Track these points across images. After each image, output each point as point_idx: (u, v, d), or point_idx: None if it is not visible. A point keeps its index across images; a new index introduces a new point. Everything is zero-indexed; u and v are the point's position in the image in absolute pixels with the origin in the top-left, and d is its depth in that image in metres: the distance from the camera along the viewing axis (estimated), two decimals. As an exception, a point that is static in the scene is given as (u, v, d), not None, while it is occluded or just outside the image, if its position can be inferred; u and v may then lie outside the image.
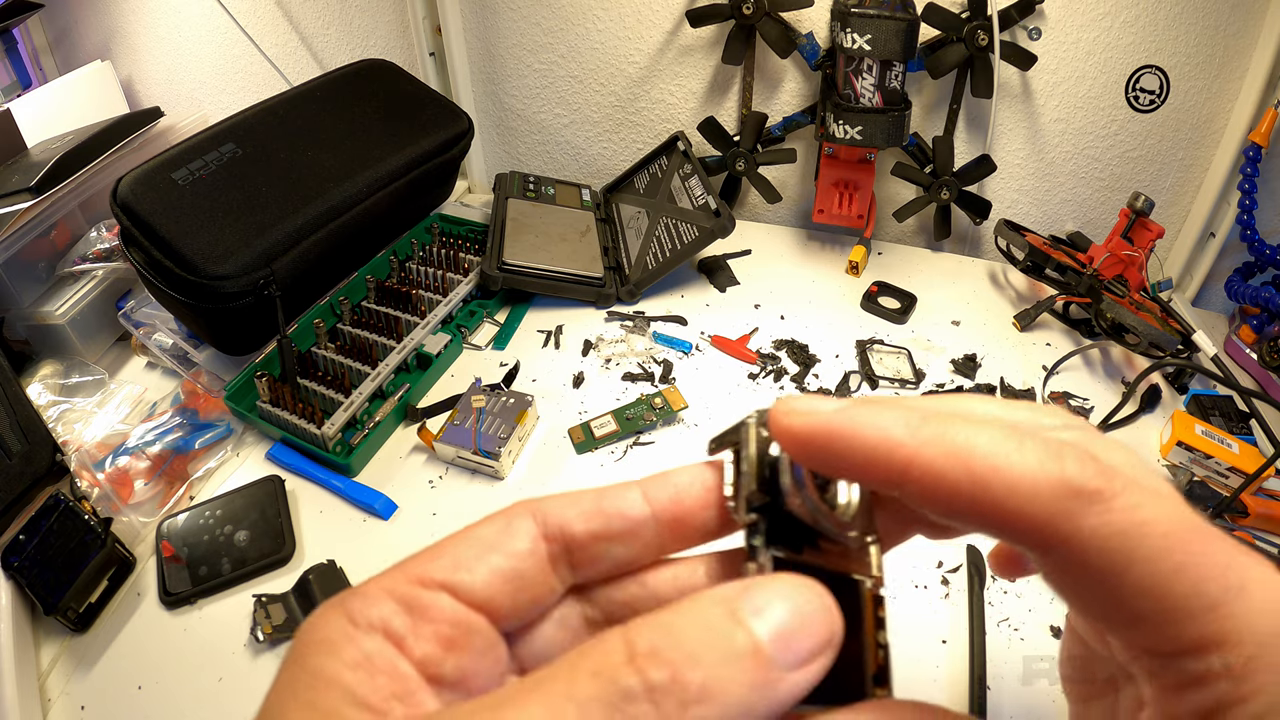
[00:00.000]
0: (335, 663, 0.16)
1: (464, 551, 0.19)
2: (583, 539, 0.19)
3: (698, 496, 0.20)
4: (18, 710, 0.46)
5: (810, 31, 0.81)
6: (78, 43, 1.13)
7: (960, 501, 0.16)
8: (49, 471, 0.55)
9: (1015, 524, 0.16)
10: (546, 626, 0.20)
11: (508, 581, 0.18)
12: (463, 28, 0.94)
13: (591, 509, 0.20)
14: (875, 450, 0.17)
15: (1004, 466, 0.16)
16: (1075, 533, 0.15)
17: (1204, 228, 0.83)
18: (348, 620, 0.17)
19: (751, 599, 0.16)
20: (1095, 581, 0.16)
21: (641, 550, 0.20)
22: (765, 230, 0.94)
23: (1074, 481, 0.16)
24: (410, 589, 0.18)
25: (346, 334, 0.72)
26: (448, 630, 0.17)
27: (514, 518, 0.19)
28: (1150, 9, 0.75)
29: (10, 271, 0.71)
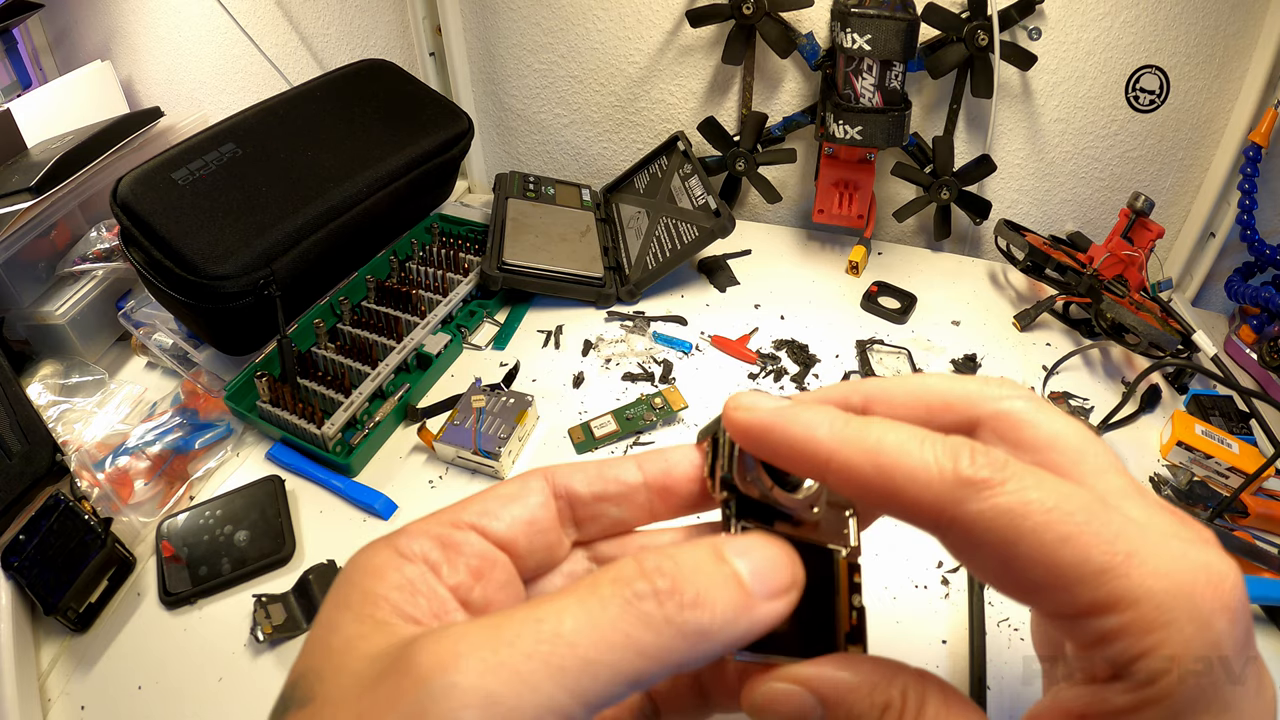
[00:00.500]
0: (383, 585, 0.19)
1: (489, 501, 0.22)
2: (585, 498, 0.23)
3: (685, 472, 0.23)
4: (18, 710, 0.46)
5: (810, 31, 0.81)
6: (78, 43, 1.13)
7: (870, 490, 0.19)
8: (49, 471, 0.55)
9: (913, 509, 0.19)
10: (556, 578, 0.24)
11: (526, 526, 0.22)
12: (463, 28, 0.94)
13: (594, 474, 0.23)
14: (801, 446, 0.20)
15: (904, 463, 0.19)
16: (963, 515, 0.18)
17: (1204, 228, 0.83)
18: (395, 552, 0.20)
19: (732, 544, 0.20)
20: (989, 556, 0.19)
21: (635, 512, 0.24)
22: (765, 230, 0.94)
23: (963, 473, 0.18)
24: (445, 529, 0.21)
25: (346, 334, 0.72)
26: (476, 562, 0.21)
27: (529, 479, 0.23)
28: (1150, 9, 0.75)
29: (10, 271, 0.71)
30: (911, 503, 0.19)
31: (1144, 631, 0.17)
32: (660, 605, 0.18)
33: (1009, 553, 0.18)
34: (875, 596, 0.53)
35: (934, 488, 0.19)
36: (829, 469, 0.20)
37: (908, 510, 0.19)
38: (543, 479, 0.23)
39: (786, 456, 0.21)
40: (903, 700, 0.19)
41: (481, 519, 0.22)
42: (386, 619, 0.19)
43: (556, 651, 0.17)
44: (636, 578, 0.18)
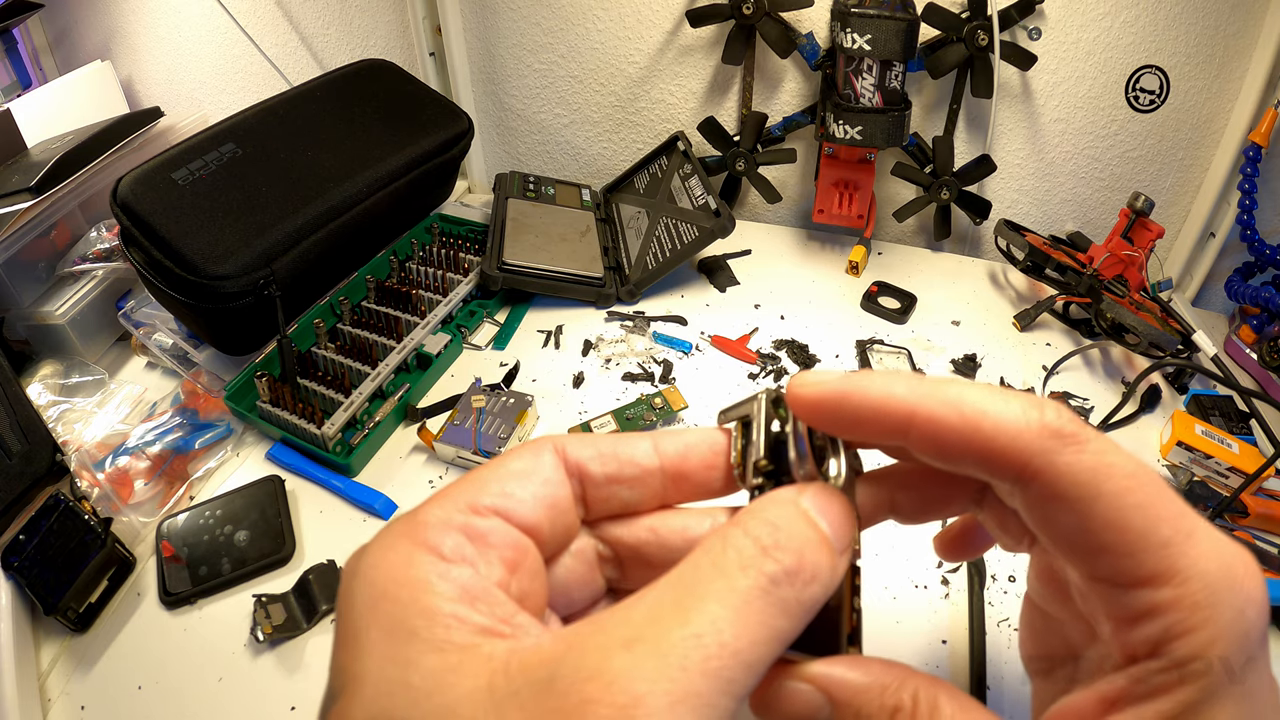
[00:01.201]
0: (440, 598, 0.17)
1: (507, 481, 0.20)
2: (597, 479, 0.22)
3: (703, 456, 0.23)
4: (18, 710, 0.46)
5: (810, 31, 0.81)
6: (78, 43, 1.13)
7: (956, 443, 0.19)
8: (49, 471, 0.55)
9: (1000, 459, 0.19)
10: (566, 558, 0.22)
11: (549, 508, 0.21)
12: (463, 28, 0.94)
13: (608, 452, 0.22)
14: (881, 405, 0.20)
15: (992, 412, 0.19)
16: (1053, 466, 0.18)
17: (1204, 228, 0.83)
18: (432, 554, 0.18)
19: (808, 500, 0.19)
20: (1067, 510, 0.18)
21: (647, 496, 0.23)
22: (765, 230, 0.94)
23: (1052, 425, 0.18)
24: (466, 517, 0.19)
25: (346, 334, 0.72)
26: (510, 554, 0.19)
27: (540, 451, 0.21)
28: (1150, 9, 0.75)
29: (10, 271, 0.71)
30: (999, 452, 0.19)
31: (1191, 609, 0.17)
32: (792, 586, 0.17)
33: (1086, 510, 0.18)
34: (875, 596, 0.53)
35: (1024, 438, 0.18)
36: (912, 424, 0.19)
37: (993, 460, 0.19)
38: (554, 453, 0.21)
39: (868, 420, 0.20)
40: (914, 704, 0.19)
41: (504, 502, 0.20)
42: (469, 640, 0.17)
43: (725, 664, 0.16)
44: (764, 559, 0.18)
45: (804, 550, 0.18)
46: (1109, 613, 0.19)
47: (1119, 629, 0.19)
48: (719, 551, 0.18)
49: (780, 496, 0.20)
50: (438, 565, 0.18)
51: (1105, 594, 0.19)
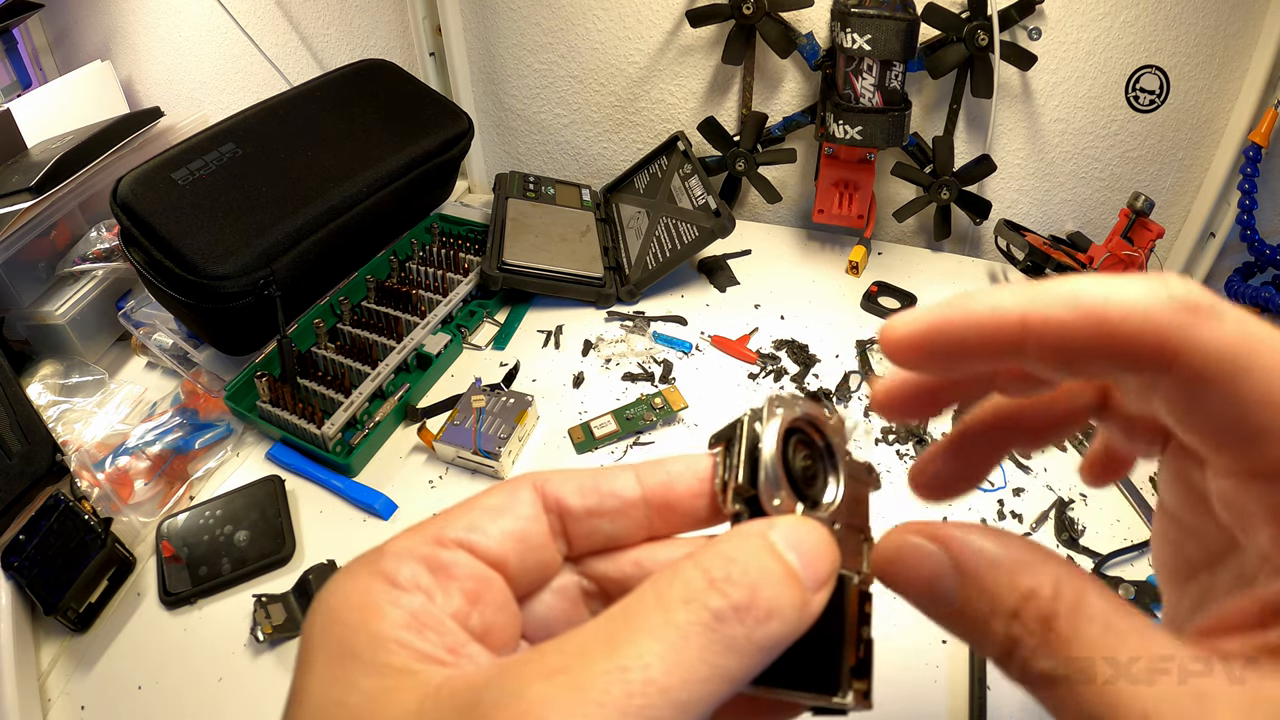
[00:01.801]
0: (388, 624, 0.17)
1: (477, 515, 0.20)
2: (578, 513, 0.21)
3: (689, 485, 0.22)
4: (18, 710, 0.46)
5: (810, 31, 0.81)
6: (78, 43, 1.13)
7: (1081, 340, 0.17)
8: (49, 471, 0.55)
9: (1136, 346, 0.16)
10: (546, 595, 0.22)
11: (518, 542, 0.20)
12: (463, 28, 0.94)
13: (588, 485, 0.21)
14: (990, 322, 0.18)
15: (1115, 297, 0.16)
16: (1193, 342, 0.16)
17: (1204, 228, 0.83)
18: (386, 582, 0.18)
19: (780, 532, 0.18)
20: (1215, 393, 0.16)
21: (632, 529, 0.22)
22: (765, 230, 0.94)
23: (1184, 298, 0.16)
24: (430, 548, 0.19)
25: (346, 334, 0.72)
26: (471, 585, 0.19)
27: (518, 488, 0.21)
28: (1150, 9, 0.75)
29: (10, 271, 0.71)
30: (1131, 339, 0.16)
31: None
32: (741, 623, 0.16)
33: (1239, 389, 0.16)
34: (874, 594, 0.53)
35: (1156, 317, 0.16)
36: (1028, 333, 0.17)
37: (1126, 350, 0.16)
38: (532, 489, 0.21)
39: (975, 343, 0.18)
40: (1055, 593, 0.17)
41: (470, 535, 0.19)
42: (407, 665, 0.16)
43: (650, 703, 0.15)
44: (709, 593, 0.16)
45: (759, 585, 0.17)
46: (1268, 513, 0.17)
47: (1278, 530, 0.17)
48: (665, 584, 0.17)
49: (747, 528, 0.18)
50: (390, 592, 0.18)
51: (1263, 489, 0.17)
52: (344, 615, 0.18)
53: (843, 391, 0.69)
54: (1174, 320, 0.16)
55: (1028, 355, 0.18)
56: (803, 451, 0.21)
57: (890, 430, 0.66)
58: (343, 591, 0.18)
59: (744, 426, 0.21)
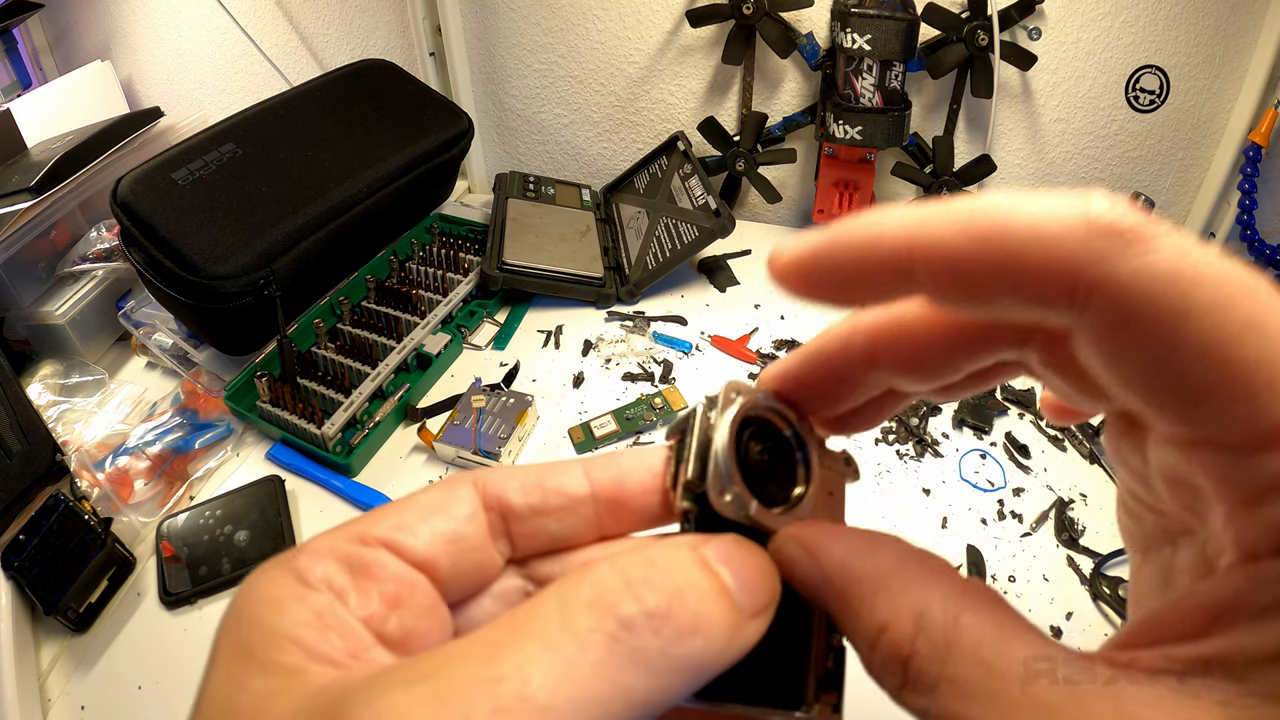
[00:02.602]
0: (288, 621, 0.16)
1: (407, 514, 0.18)
2: (521, 511, 0.19)
3: (640, 480, 0.20)
4: (18, 710, 0.46)
5: (810, 31, 0.81)
6: (78, 43, 1.13)
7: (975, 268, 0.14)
8: (49, 471, 0.55)
9: (1042, 278, 0.13)
10: (486, 600, 0.20)
11: (449, 543, 0.18)
12: (463, 28, 0.94)
13: (532, 482, 0.20)
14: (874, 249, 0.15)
15: (1017, 216, 0.13)
16: (1113, 275, 0.13)
17: (1204, 228, 0.83)
18: (296, 578, 0.17)
19: (713, 548, 0.16)
20: (1145, 341, 0.13)
21: (580, 528, 0.20)
22: (765, 230, 0.94)
23: (1104, 219, 0.13)
24: (352, 547, 0.17)
25: (346, 334, 0.72)
26: (391, 588, 0.17)
27: (456, 485, 0.19)
28: (1150, 9, 0.75)
29: (10, 271, 0.71)
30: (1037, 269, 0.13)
31: None
32: (656, 634, 0.14)
33: (1170, 336, 0.12)
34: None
35: (1067, 242, 0.13)
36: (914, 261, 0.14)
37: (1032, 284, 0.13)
38: (472, 486, 0.19)
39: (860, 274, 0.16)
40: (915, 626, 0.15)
41: (396, 534, 0.18)
42: (299, 665, 0.15)
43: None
44: (622, 595, 0.14)
45: (685, 592, 0.15)
46: (1219, 489, 0.14)
47: (1234, 512, 0.13)
48: (571, 584, 0.15)
49: (678, 539, 0.17)
50: (297, 589, 0.17)
51: (1210, 461, 0.13)
52: (248, 611, 0.17)
53: (843, 391, 0.69)
54: (1090, 247, 0.13)
55: (920, 289, 0.15)
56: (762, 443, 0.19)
57: (890, 430, 0.66)
58: (252, 587, 0.17)
59: (697, 416, 0.19)
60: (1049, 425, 0.67)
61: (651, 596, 0.14)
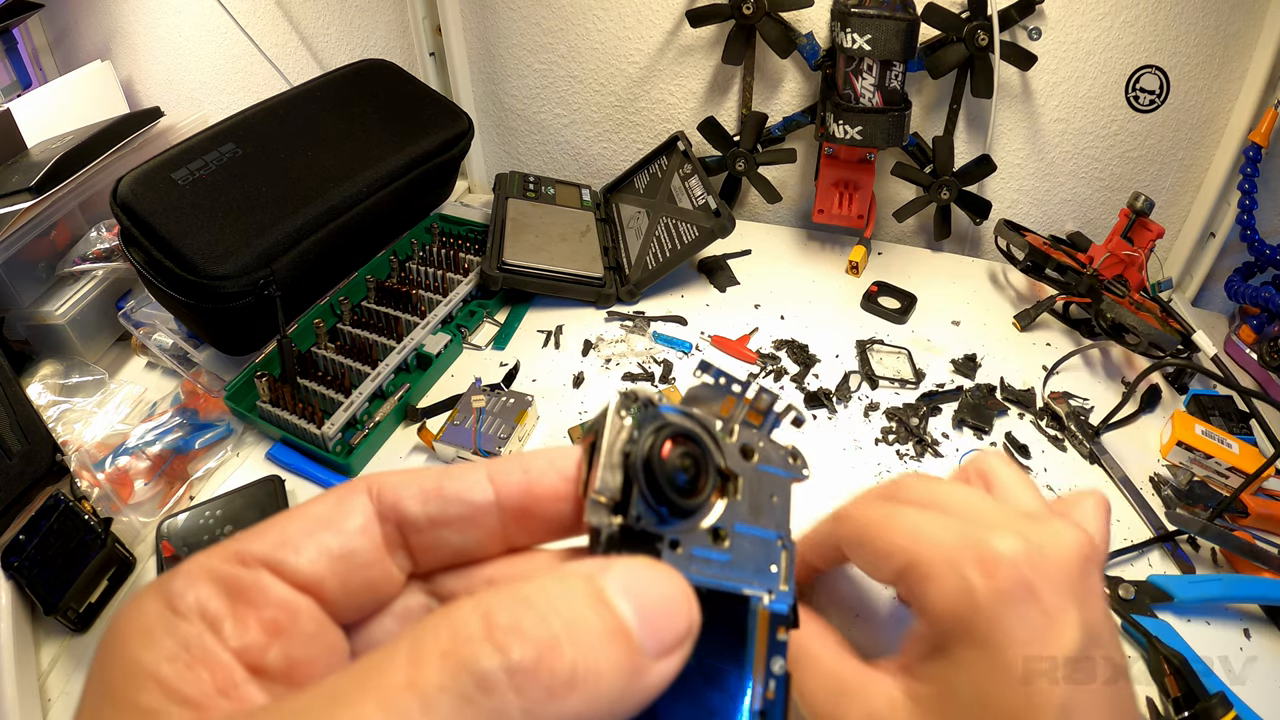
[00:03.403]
0: (153, 654, 0.15)
1: (291, 528, 0.17)
2: (419, 522, 0.18)
3: (551, 486, 0.18)
4: (18, 710, 0.46)
5: (810, 31, 0.81)
6: (78, 43, 1.13)
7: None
8: (49, 471, 0.55)
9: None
10: (387, 620, 0.18)
11: (338, 561, 0.17)
12: (463, 28, 0.94)
13: (431, 488, 0.18)
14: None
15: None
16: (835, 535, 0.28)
17: (1204, 228, 0.83)
18: (166, 606, 0.15)
19: (614, 577, 0.14)
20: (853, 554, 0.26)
21: (484, 539, 0.18)
22: (765, 230, 0.94)
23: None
24: (230, 568, 0.16)
25: (346, 334, 0.72)
26: (271, 614, 0.16)
27: (349, 494, 0.18)
28: (1150, 9, 0.75)
29: (10, 271, 0.71)
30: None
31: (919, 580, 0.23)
32: (520, 693, 0.12)
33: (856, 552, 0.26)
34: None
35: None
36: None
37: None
38: (365, 495, 0.18)
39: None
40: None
41: (278, 551, 0.16)
42: (156, 707, 0.14)
43: None
44: (481, 645, 0.12)
45: (561, 641, 0.12)
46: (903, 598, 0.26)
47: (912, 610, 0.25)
48: (428, 628, 0.13)
49: (571, 567, 0.15)
50: (166, 618, 0.15)
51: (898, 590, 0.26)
52: (115, 642, 0.15)
53: (842, 392, 0.69)
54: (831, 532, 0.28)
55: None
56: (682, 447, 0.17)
57: (890, 430, 0.66)
58: (125, 613, 0.16)
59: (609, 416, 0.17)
60: (1048, 425, 0.67)
61: (518, 647, 0.12)
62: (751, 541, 0.17)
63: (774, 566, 0.17)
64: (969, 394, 0.68)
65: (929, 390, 0.70)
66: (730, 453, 0.18)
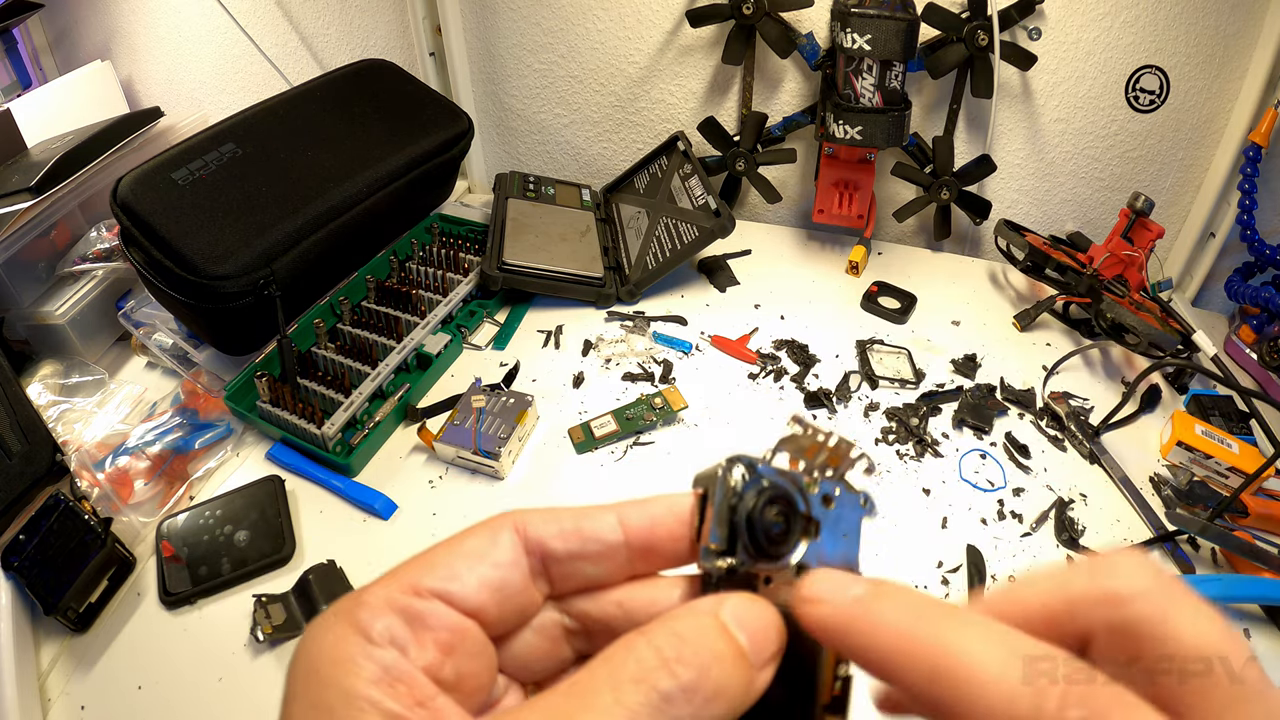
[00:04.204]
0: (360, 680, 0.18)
1: (455, 562, 0.20)
2: (560, 556, 0.21)
3: (670, 528, 0.22)
4: (18, 710, 0.46)
5: (810, 31, 0.81)
6: (78, 43, 1.13)
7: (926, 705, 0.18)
8: (49, 471, 0.55)
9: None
10: (527, 634, 0.22)
11: (496, 590, 0.20)
12: (463, 28, 0.94)
13: (570, 529, 0.21)
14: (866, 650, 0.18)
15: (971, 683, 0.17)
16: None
17: (1204, 228, 0.83)
18: (360, 635, 0.18)
19: (730, 611, 0.19)
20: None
21: (614, 570, 0.22)
22: (765, 230, 0.94)
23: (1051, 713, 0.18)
24: (408, 599, 0.19)
25: (346, 334, 0.72)
26: (446, 636, 0.19)
27: (499, 530, 0.21)
28: (1150, 9, 0.75)
29: (10, 271, 0.71)
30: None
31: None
32: (689, 702, 0.17)
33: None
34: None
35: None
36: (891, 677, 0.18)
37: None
38: (513, 532, 0.21)
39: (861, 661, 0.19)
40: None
41: (448, 584, 0.20)
42: None
43: None
44: (660, 673, 0.17)
45: (710, 666, 0.17)
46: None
47: None
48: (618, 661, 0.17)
49: (699, 606, 0.19)
50: (364, 647, 0.18)
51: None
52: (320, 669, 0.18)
53: (842, 392, 0.69)
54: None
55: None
56: (777, 505, 0.21)
57: (890, 430, 0.66)
58: (320, 644, 0.19)
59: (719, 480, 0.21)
60: (1048, 425, 0.67)
61: (685, 672, 0.17)
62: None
63: None
64: (969, 394, 0.68)
65: (929, 390, 0.70)
66: (814, 502, 0.21)
